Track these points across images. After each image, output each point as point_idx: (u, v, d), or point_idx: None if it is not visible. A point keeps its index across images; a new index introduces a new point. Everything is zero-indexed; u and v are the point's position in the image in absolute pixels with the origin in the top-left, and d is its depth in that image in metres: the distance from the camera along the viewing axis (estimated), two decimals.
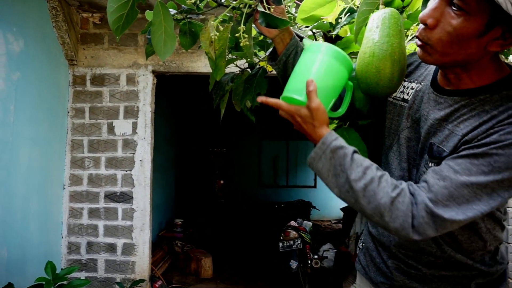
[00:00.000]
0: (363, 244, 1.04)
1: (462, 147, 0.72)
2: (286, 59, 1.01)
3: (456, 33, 0.68)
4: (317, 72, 0.80)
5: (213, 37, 0.91)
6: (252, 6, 0.92)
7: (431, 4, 0.70)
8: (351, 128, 1.07)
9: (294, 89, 0.81)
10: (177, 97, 6.12)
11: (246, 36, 0.92)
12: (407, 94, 0.90)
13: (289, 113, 0.81)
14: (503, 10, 0.62)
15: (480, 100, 0.73)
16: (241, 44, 0.97)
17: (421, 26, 0.73)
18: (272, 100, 0.82)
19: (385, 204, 0.71)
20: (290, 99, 0.81)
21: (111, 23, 0.80)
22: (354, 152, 0.77)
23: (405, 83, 0.92)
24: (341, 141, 0.78)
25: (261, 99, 0.83)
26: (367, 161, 0.76)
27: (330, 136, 0.78)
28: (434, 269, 0.84)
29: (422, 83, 0.87)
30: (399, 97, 0.92)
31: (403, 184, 0.74)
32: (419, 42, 0.74)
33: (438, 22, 0.69)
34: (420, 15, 0.71)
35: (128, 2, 0.78)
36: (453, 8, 0.67)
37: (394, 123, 0.93)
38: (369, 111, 1.02)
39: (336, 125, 1.20)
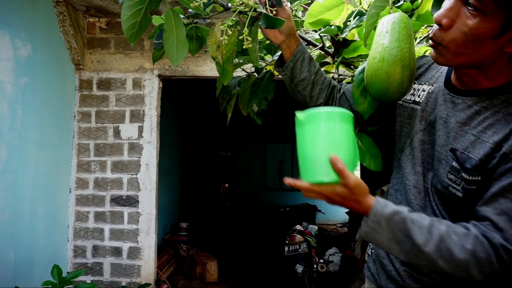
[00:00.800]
0: (372, 251, 1.02)
1: (504, 165, 0.68)
2: (294, 65, 1.00)
3: (472, 33, 0.67)
4: (331, 144, 0.74)
5: (223, 41, 0.91)
6: (258, 10, 0.92)
7: (446, 4, 0.69)
8: (363, 133, 1.06)
9: (319, 171, 0.74)
10: (183, 101, 6.14)
11: (249, 39, 0.92)
12: (419, 97, 0.88)
13: (324, 195, 0.75)
14: None
15: (502, 102, 0.71)
16: (244, 47, 0.97)
17: (435, 26, 0.71)
18: (301, 184, 0.76)
19: (466, 259, 0.67)
20: (320, 182, 0.75)
21: (125, 30, 0.81)
22: (409, 212, 0.73)
23: (415, 86, 0.90)
24: (391, 206, 0.74)
25: (288, 181, 0.77)
26: (426, 219, 0.72)
27: (379, 205, 0.74)
28: (449, 278, 0.81)
29: (434, 85, 0.86)
30: (410, 100, 0.91)
31: (472, 230, 0.70)
32: (432, 43, 0.73)
33: (453, 22, 0.68)
34: (435, 15, 0.70)
35: (141, 10, 0.79)
36: (469, 8, 0.66)
37: (406, 126, 0.91)
38: (378, 116, 1.00)
39: None
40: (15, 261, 2.18)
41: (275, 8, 0.91)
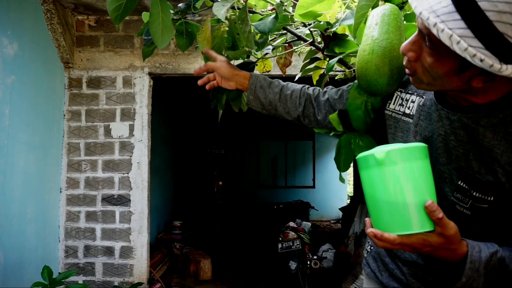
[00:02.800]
0: (371, 248, 1.02)
1: None
2: (254, 96, 1.10)
3: (433, 70, 0.65)
4: (420, 186, 0.65)
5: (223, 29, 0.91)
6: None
7: (411, 37, 0.67)
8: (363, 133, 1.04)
9: (411, 221, 0.65)
10: (174, 99, 6.11)
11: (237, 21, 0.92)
12: (409, 108, 0.85)
13: (411, 247, 0.67)
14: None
15: (500, 120, 0.68)
16: (220, 28, 1.00)
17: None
18: (389, 237, 0.67)
19: None
20: (411, 233, 0.66)
21: (110, 12, 0.82)
22: (502, 249, 0.69)
23: (403, 95, 0.87)
24: (485, 249, 0.68)
25: (374, 232, 0.68)
26: None
27: (474, 251, 0.68)
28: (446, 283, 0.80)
29: (424, 97, 0.82)
30: (400, 111, 0.88)
31: None
32: (407, 71, 0.72)
33: (418, 56, 0.67)
34: (402, 46, 0.68)
35: None
36: (427, 44, 0.64)
37: (399, 140, 0.87)
38: (368, 122, 0.98)
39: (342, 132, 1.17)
40: (5, 263, 2.15)
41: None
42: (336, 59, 0.94)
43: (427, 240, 0.66)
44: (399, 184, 0.64)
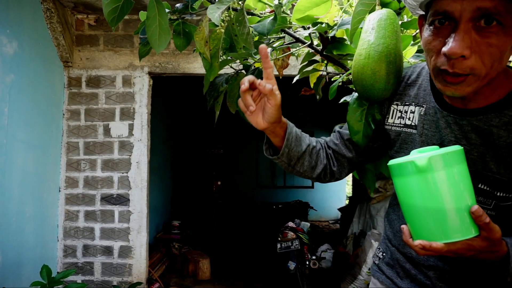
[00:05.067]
0: (384, 254, 0.98)
1: None
2: (289, 150, 0.91)
3: (498, 50, 0.63)
4: (462, 192, 0.63)
5: (210, 36, 0.90)
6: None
7: (456, 38, 0.63)
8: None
9: (456, 227, 0.63)
10: (174, 99, 6.11)
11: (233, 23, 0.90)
12: (409, 119, 0.83)
13: (455, 253, 0.66)
14: None
15: (511, 118, 0.69)
16: (216, 30, 0.96)
17: (452, 60, 0.65)
18: (437, 246, 0.64)
19: None
20: (457, 240, 0.64)
21: (106, 14, 0.81)
22: None
23: (400, 107, 0.86)
24: None
25: (423, 244, 0.66)
26: None
27: None
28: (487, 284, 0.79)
29: (424, 106, 0.81)
30: (400, 124, 0.86)
31: None
32: (457, 78, 0.66)
33: (472, 50, 0.63)
34: (449, 51, 0.63)
35: None
36: (486, 28, 0.62)
37: (405, 152, 0.85)
38: (374, 147, 0.96)
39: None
40: (3, 262, 2.15)
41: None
42: (337, 82, 0.94)
43: (472, 245, 0.64)
44: (443, 190, 0.62)
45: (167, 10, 1.07)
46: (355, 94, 0.94)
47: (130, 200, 2.87)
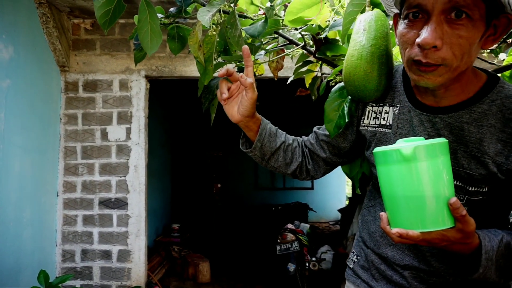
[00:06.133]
0: (358, 257, 0.99)
1: None
2: (262, 145, 0.96)
3: (467, 42, 0.66)
4: (443, 183, 0.64)
5: (204, 40, 0.90)
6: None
7: (429, 29, 0.66)
8: None
9: (434, 218, 0.64)
10: (171, 102, 6.11)
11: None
12: (384, 119, 0.85)
13: (429, 242, 0.68)
14: (496, 3, 0.63)
15: (480, 114, 0.72)
16: (209, 33, 0.96)
17: (425, 51, 0.67)
18: (413, 235, 0.66)
19: None
20: (433, 230, 0.66)
21: (98, 18, 0.82)
22: (505, 233, 0.72)
23: (375, 108, 0.88)
24: (492, 237, 0.71)
25: (399, 232, 0.67)
26: None
27: (484, 240, 0.70)
28: (460, 277, 0.80)
29: (397, 105, 0.83)
30: (375, 124, 0.88)
31: None
32: (428, 67, 0.68)
33: (443, 41, 0.66)
34: (422, 41, 0.66)
35: None
36: (456, 21, 0.65)
37: None
38: (346, 148, 0.97)
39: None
40: (1, 267, 2.14)
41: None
42: (338, 86, 0.93)
43: (446, 236, 0.67)
44: (424, 180, 0.63)
45: (161, 15, 1.07)
46: (340, 85, 0.94)
47: (128, 204, 2.86)
